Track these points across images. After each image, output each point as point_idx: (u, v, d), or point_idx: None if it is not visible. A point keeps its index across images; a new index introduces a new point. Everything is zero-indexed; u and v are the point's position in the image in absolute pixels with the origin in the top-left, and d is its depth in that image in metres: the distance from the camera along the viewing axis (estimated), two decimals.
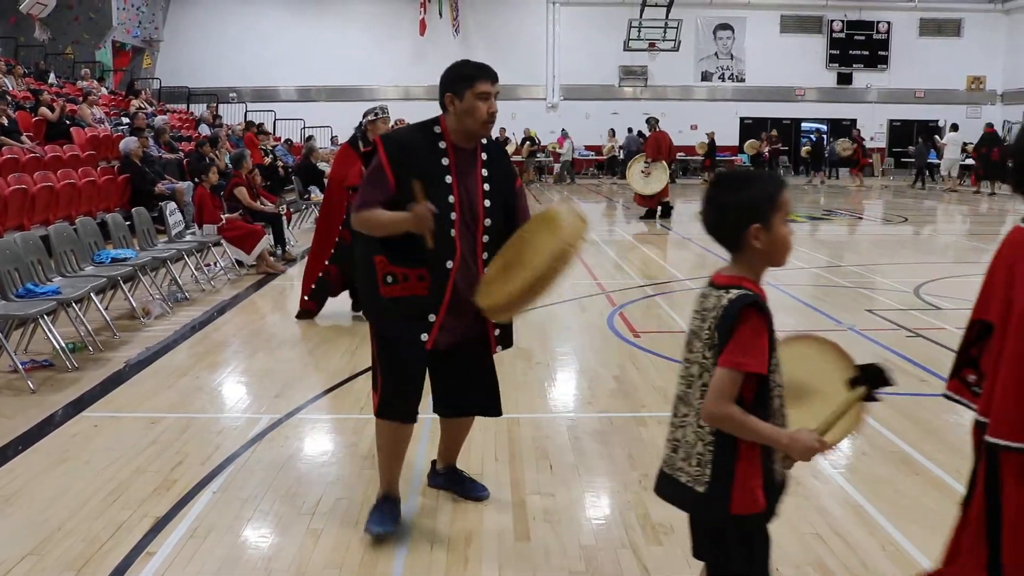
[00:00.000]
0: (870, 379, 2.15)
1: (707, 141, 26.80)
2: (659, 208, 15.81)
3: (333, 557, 3.34)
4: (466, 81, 3.31)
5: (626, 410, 5.09)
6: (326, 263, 7.37)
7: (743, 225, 2.12)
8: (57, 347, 6.01)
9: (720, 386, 2.09)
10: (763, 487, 2.17)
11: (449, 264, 3.31)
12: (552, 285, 3.02)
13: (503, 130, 26.68)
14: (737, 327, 2.08)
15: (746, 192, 2.14)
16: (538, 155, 27.27)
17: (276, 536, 3.53)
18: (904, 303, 8.02)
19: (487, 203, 3.39)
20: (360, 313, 7.29)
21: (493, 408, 3.70)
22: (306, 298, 7.53)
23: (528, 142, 26.88)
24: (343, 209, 6.97)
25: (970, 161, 23.51)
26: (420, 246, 3.24)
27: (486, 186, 3.41)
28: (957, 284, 9.30)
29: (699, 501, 2.19)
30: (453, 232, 3.30)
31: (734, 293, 2.12)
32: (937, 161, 24.88)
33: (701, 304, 2.19)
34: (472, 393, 3.66)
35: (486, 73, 3.35)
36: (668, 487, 2.26)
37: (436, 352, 3.41)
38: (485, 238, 3.38)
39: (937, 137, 25.21)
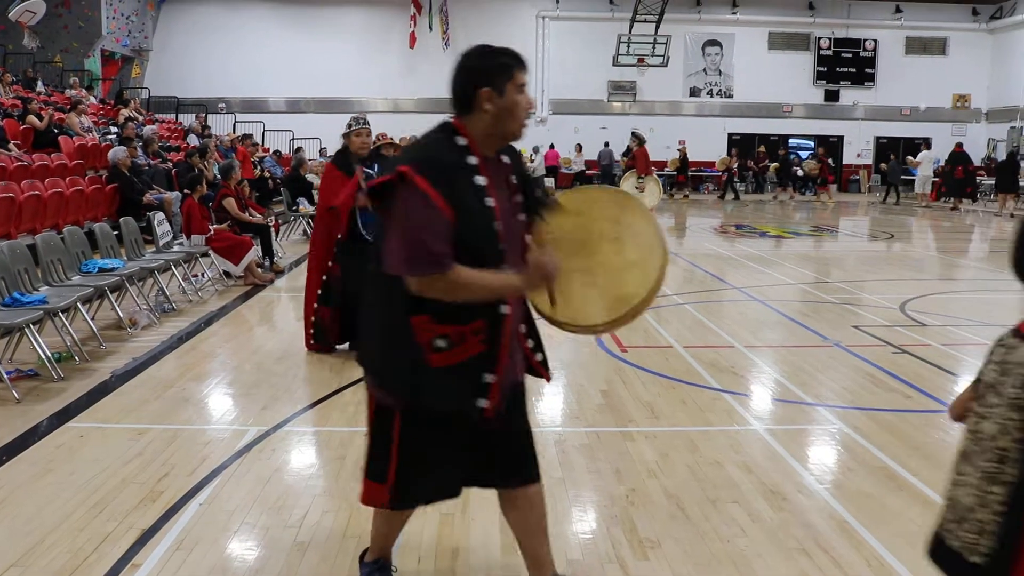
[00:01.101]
0: None
1: (679, 156, 26.84)
2: None
3: (319, 570, 3.33)
4: (505, 72, 2.61)
5: (613, 425, 5.10)
6: (315, 305, 6.54)
7: None
8: (43, 357, 5.98)
9: None
10: None
11: (504, 309, 2.64)
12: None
13: None
14: None
15: None
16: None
17: (262, 549, 3.52)
18: (890, 319, 8.07)
19: (522, 217, 2.78)
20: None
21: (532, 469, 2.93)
22: (312, 341, 6.69)
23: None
24: (332, 238, 6.41)
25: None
26: None
27: (518, 197, 2.77)
28: (942, 301, 9.38)
29: (969, 571, 1.94)
30: (505, 268, 2.65)
31: None
32: (914, 177, 25.15)
33: (1003, 356, 1.88)
34: (524, 452, 2.91)
35: (521, 61, 2.67)
36: (936, 547, 2.03)
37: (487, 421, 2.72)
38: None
39: (910, 157, 25.46)
